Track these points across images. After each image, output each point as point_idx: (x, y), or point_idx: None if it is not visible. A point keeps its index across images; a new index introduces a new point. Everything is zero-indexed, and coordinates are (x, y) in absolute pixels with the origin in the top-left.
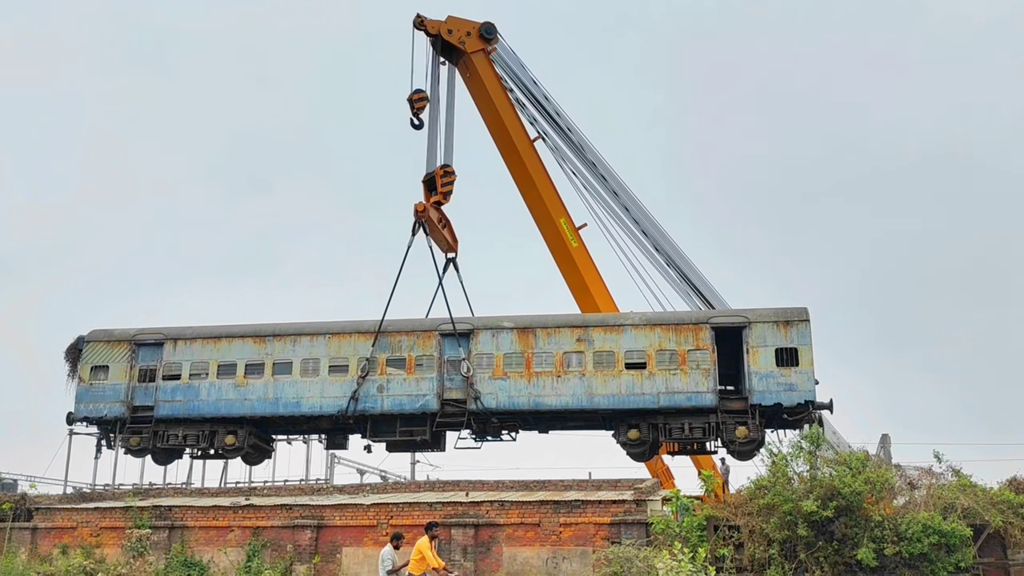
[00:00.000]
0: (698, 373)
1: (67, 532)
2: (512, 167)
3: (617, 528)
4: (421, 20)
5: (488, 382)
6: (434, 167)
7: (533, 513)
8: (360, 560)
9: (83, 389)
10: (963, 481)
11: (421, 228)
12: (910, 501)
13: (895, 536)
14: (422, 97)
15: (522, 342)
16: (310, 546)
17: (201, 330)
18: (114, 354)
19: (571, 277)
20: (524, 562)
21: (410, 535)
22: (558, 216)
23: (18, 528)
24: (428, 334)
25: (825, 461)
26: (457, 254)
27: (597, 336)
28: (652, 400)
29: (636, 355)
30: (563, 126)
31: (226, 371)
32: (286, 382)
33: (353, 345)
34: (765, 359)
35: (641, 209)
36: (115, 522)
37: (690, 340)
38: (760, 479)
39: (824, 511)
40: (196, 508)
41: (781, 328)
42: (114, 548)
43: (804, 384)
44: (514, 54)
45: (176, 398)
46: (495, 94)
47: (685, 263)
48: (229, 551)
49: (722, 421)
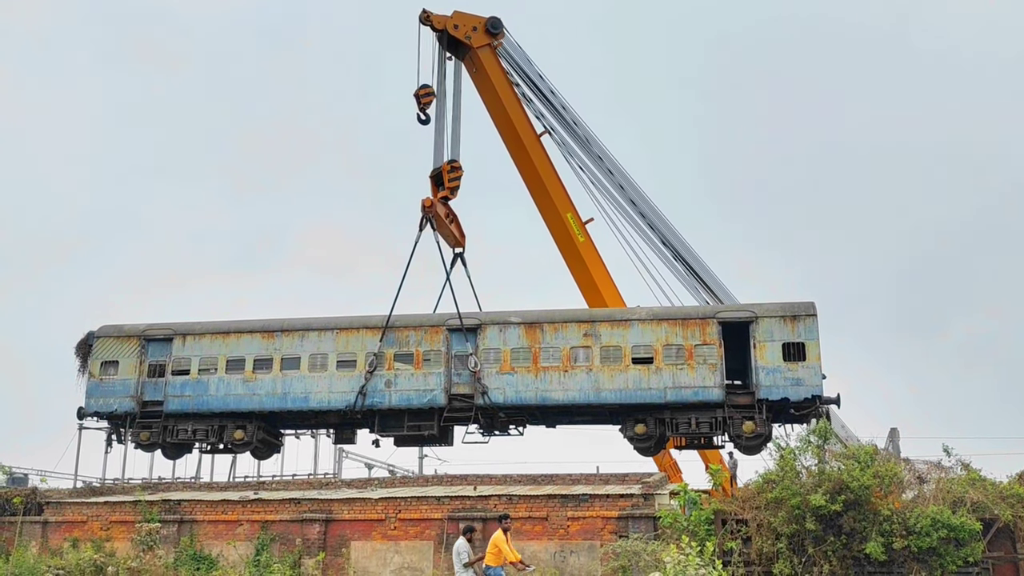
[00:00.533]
0: (705, 368)
1: (77, 526)
2: (519, 162)
3: (625, 522)
4: (427, 15)
5: (495, 377)
6: (441, 162)
7: (541, 507)
8: (368, 554)
9: (93, 384)
10: (972, 475)
11: (428, 224)
12: (919, 495)
13: (904, 530)
14: (428, 92)
15: (529, 337)
16: (319, 540)
17: (210, 325)
18: (124, 350)
19: (578, 272)
20: (532, 556)
21: (418, 528)
22: (564, 211)
23: (29, 522)
24: (436, 329)
25: (834, 455)
26: (465, 249)
27: (604, 331)
28: (659, 395)
29: (643, 350)
30: (569, 120)
31: (235, 366)
32: (294, 377)
33: (361, 340)
34: (772, 354)
35: (648, 203)
36: (125, 516)
37: (697, 335)
38: (768, 473)
39: (832, 505)
40: (205, 502)
41: (788, 323)
42: (124, 542)
43: (811, 379)
44: (520, 48)
45: (185, 393)
46: (501, 89)
47: (692, 257)
48: (238, 545)
49: (729, 416)
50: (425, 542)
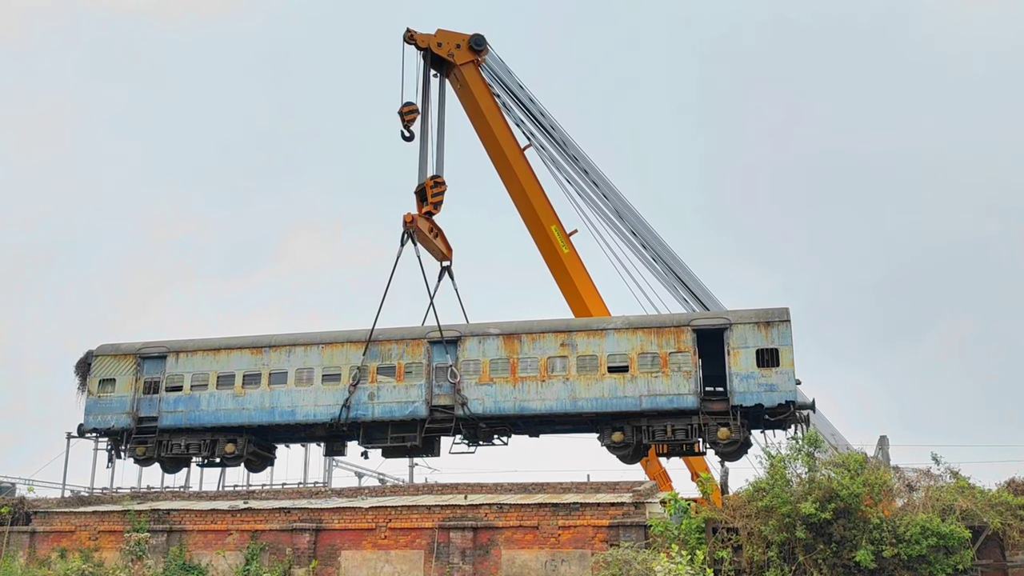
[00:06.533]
0: (679, 375)
1: (65, 536)
2: (503, 176)
3: (616, 530)
4: (411, 34)
5: (475, 388)
6: (425, 178)
7: (532, 516)
8: (359, 563)
9: (92, 401)
10: (961, 483)
11: (410, 239)
12: (908, 503)
13: (893, 538)
14: (412, 110)
15: (508, 348)
16: (309, 549)
17: (202, 342)
18: (120, 367)
19: (563, 283)
20: (523, 565)
21: (408, 537)
22: (549, 224)
23: (16, 532)
24: (417, 342)
25: (823, 463)
26: (451, 262)
27: (580, 340)
28: (634, 403)
29: (618, 358)
30: (546, 126)
31: (225, 381)
32: (282, 391)
33: (345, 354)
34: (746, 360)
35: (633, 213)
36: (113, 526)
37: (672, 343)
38: (758, 481)
39: (823, 513)
40: (194, 511)
41: (762, 329)
42: (112, 552)
43: (785, 384)
44: (503, 63)
45: (179, 408)
46: (485, 104)
47: (679, 265)
48: (227, 554)
49: (704, 423)
50: (416, 551)
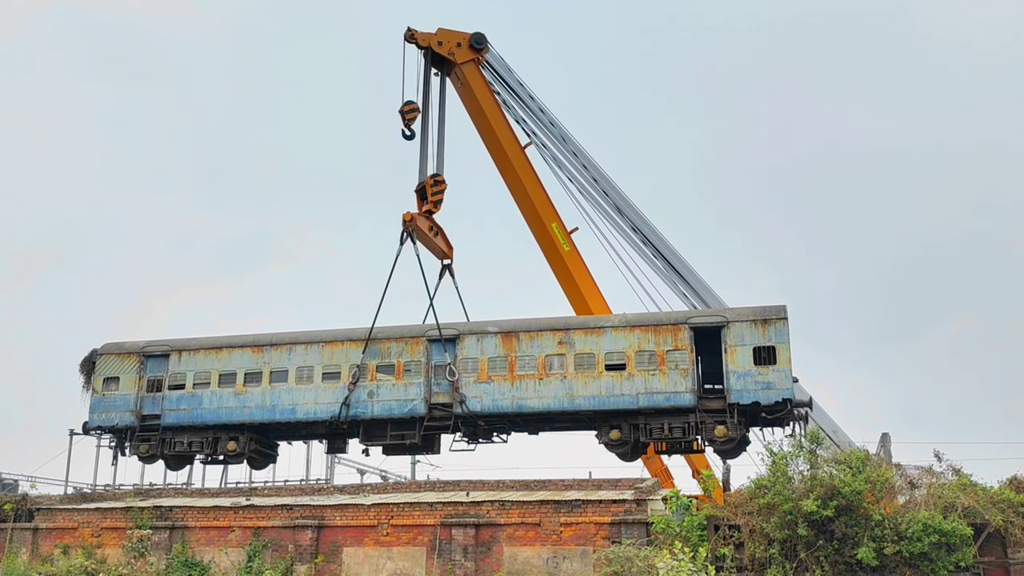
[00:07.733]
0: (676, 373)
1: (68, 532)
2: (504, 174)
3: (617, 528)
4: (412, 33)
5: (473, 386)
6: (425, 177)
7: (534, 513)
8: (361, 560)
9: (96, 400)
10: (963, 480)
11: (409, 237)
12: (910, 500)
13: (895, 535)
14: (413, 108)
15: (506, 346)
16: (311, 546)
17: (204, 341)
18: (124, 366)
19: (564, 280)
20: (525, 562)
21: (410, 534)
22: (550, 221)
23: (19, 528)
24: (416, 340)
25: (825, 460)
26: (452, 260)
27: (578, 338)
28: (632, 401)
29: (616, 356)
30: (546, 123)
31: (227, 380)
32: (282, 389)
33: (345, 353)
34: (743, 358)
35: (633, 209)
36: (116, 522)
37: (669, 341)
38: (760, 478)
39: (824, 510)
40: (197, 508)
41: (759, 327)
42: (115, 548)
43: (782, 382)
44: (503, 61)
45: (181, 407)
46: (485, 102)
47: (679, 261)
48: (230, 551)
49: (701, 421)
50: (418, 548)
